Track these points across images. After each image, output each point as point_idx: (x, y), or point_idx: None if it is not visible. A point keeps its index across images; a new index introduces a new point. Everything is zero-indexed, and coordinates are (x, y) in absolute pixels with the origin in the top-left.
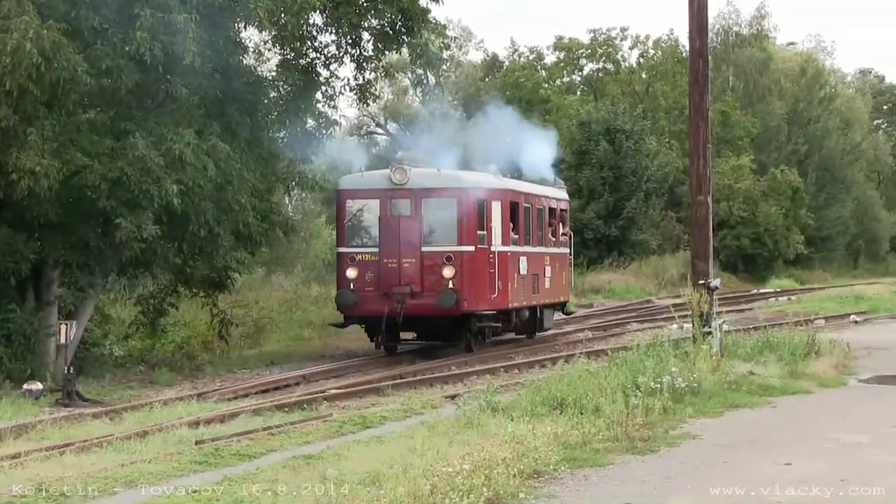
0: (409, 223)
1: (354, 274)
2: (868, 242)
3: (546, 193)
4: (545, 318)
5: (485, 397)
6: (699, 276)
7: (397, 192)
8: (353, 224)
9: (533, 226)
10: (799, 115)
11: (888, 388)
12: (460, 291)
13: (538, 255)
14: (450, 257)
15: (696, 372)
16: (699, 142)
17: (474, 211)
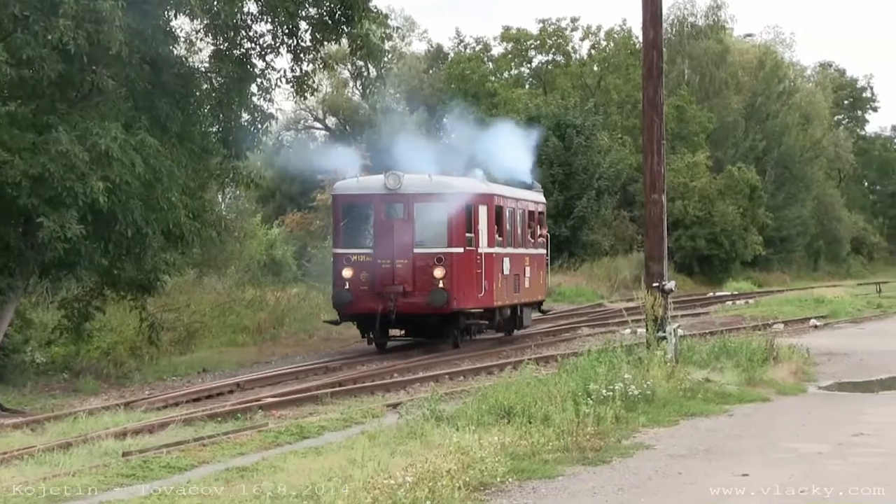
0: (402, 226)
1: (350, 274)
2: (828, 243)
3: (526, 197)
4: (524, 317)
5: (429, 406)
6: (653, 278)
7: (391, 196)
8: (348, 226)
9: (515, 228)
10: (757, 110)
11: (849, 395)
12: (450, 291)
13: (519, 256)
14: (440, 258)
15: (650, 379)
16: (653, 138)
17: (463, 214)
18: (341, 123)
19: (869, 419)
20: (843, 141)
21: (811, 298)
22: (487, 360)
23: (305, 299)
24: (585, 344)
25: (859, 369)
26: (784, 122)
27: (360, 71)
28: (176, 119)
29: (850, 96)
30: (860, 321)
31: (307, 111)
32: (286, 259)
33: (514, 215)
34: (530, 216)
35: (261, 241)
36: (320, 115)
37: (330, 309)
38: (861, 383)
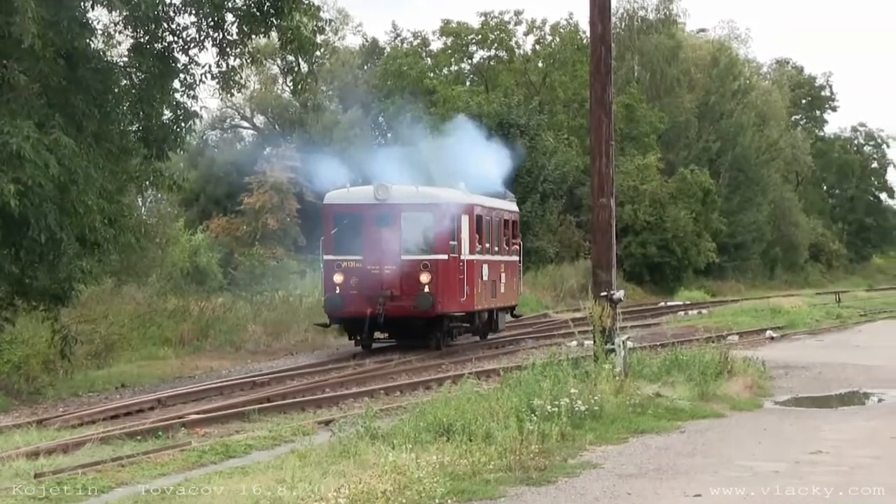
0: (390, 234)
1: (340, 279)
2: (785, 250)
3: (501, 206)
4: (499, 321)
5: (363, 422)
6: (601, 287)
7: (379, 206)
8: (339, 234)
9: (492, 236)
10: (710, 109)
11: (807, 410)
12: (435, 295)
13: (496, 263)
14: (426, 265)
15: (598, 394)
16: (601, 138)
17: (447, 223)
18: (270, 122)
19: (827, 436)
20: (801, 142)
21: (767, 308)
22: (425, 374)
23: (232, 309)
24: (529, 357)
25: (817, 383)
26: (739, 122)
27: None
28: (93, 117)
29: (808, 95)
30: (818, 333)
31: (234, 109)
32: (211, 267)
33: (492, 224)
34: (505, 224)
35: (184, 247)
36: (248, 113)
37: (261, 320)
38: (819, 398)
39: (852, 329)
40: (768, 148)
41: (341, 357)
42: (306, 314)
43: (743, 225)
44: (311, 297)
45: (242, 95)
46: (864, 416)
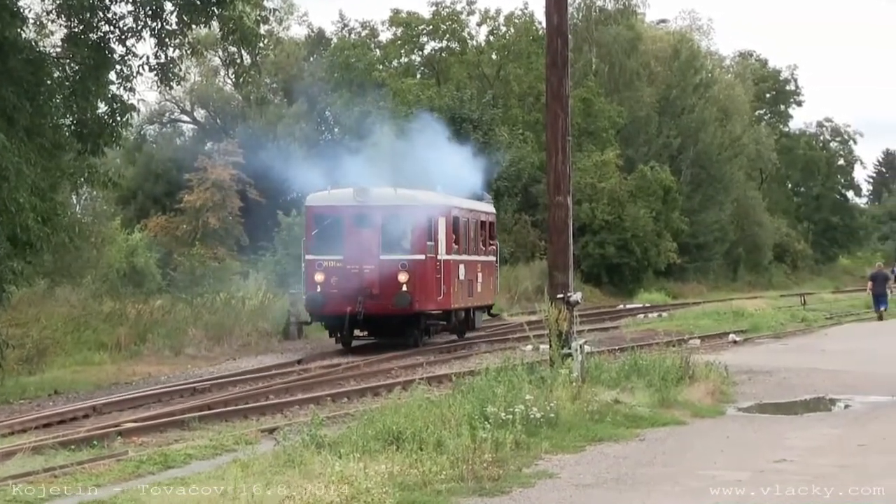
0: (370, 235)
1: (321, 278)
2: (749, 251)
3: (478, 208)
4: (476, 319)
5: (309, 431)
6: (557, 289)
7: (359, 208)
8: (320, 235)
9: (469, 237)
10: (671, 103)
11: (771, 417)
12: (413, 294)
13: (473, 263)
14: (404, 264)
15: (554, 400)
16: (558, 134)
17: (424, 225)
18: (211, 116)
19: (793, 444)
20: (765, 138)
21: (730, 311)
22: (374, 379)
23: (171, 312)
24: (483, 362)
25: (782, 389)
26: (701, 116)
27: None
28: (24, 110)
29: (772, 89)
30: (783, 336)
31: (173, 102)
32: (149, 268)
33: (469, 225)
34: (482, 226)
35: (120, 247)
36: (188, 106)
37: (202, 323)
38: (784, 404)
39: (818, 333)
40: (731, 144)
41: (286, 362)
42: (249, 317)
43: (705, 224)
44: (255, 300)
45: (182, 88)
46: (831, 423)
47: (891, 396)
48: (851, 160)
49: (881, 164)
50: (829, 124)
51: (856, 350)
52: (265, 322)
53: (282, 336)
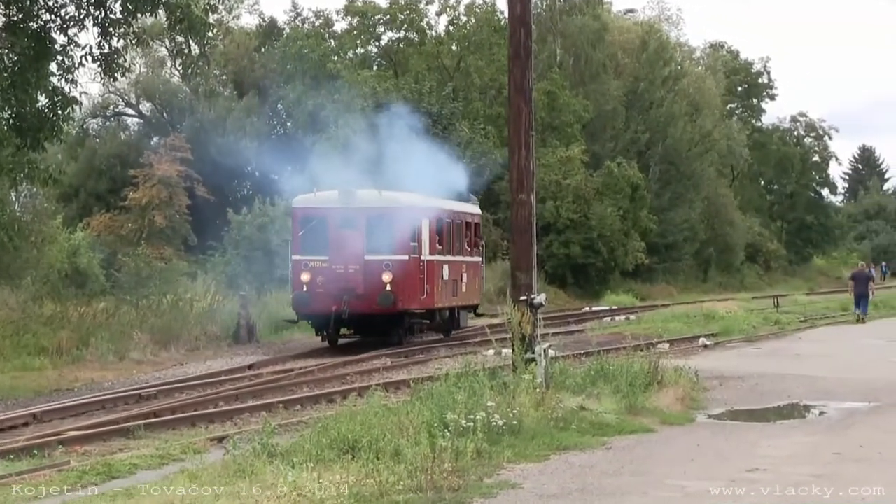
0: (355, 236)
1: (307, 278)
2: (720, 250)
3: (463, 209)
4: (461, 318)
5: (260, 439)
6: (521, 290)
7: (344, 209)
8: (306, 236)
9: (453, 238)
10: (639, 97)
11: (743, 424)
12: (396, 293)
13: (457, 264)
14: (388, 264)
15: (517, 407)
16: (521, 128)
17: (408, 226)
18: (158, 109)
19: (765, 452)
20: (737, 133)
21: (700, 314)
22: (328, 385)
23: (115, 315)
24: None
25: (754, 395)
26: (670, 111)
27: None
28: None
29: (744, 82)
30: (756, 340)
31: (117, 95)
32: (92, 268)
33: (453, 227)
34: (467, 227)
35: (62, 247)
36: (133, 99)
37: (147, 327)
38: (756, 411)
39: (792, 336)
40: (702, 139)
41: (236, 367)
42: (197, 320)
43: (674, 223)
44: (203, 302)
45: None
46: (805, 431)
47: (867, 402)
48: (826, 156)
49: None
50: (804, 119)
51: (831, 354)
52: (214, 325)
53: (232, 340)
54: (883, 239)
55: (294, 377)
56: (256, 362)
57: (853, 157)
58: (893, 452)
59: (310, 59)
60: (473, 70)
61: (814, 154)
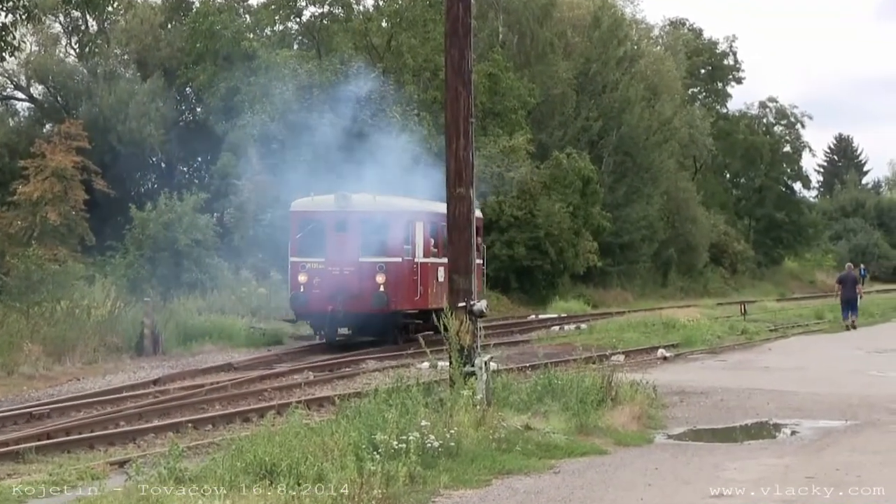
0: (350, 238)
1: (305, 279)
2: (681, 252)
3: None
4: None
5: (166, 463)
6: (458, 296)
7: (340, 213)
8: (303, 238)
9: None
10: (591, 79)
11: (706, 445)
12: (389, 294)
13: None
14: (382, 266)
15: (455, 426)
16: (459, 115)
17: (402, 229)
18: (51, 93)
19: (731, 476)
20: (700, 120)
21: (659, 322)
22: (244, 402)
23: (3, 324)
24: (371, 382)
25: (719, 413)
26: (625, 95)
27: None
28: None
29: (707, 64)
30: (720, 351)
31: (5, 76)
32: None
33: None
34: None
35: None
36: (23, 81)
37: (39, 337)
38: (721, 431)
39: (761, 347)
40: (660, 127)
41: (140, 382)
42: (96, 329)
43: (630, 221)
44: (102, 309)
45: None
46: (775, 452)
47: (844, 421)
48: (799, 147)
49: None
50: (774, 105)
51: (804, 367)
52: (115, 335)
53: (135, 352)
54: (861, 239)
55: (205, 393)
56: (162, 377)
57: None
58: (873, 476)
59: (222, 37)
60: (406, 49)
61: (785, 144)
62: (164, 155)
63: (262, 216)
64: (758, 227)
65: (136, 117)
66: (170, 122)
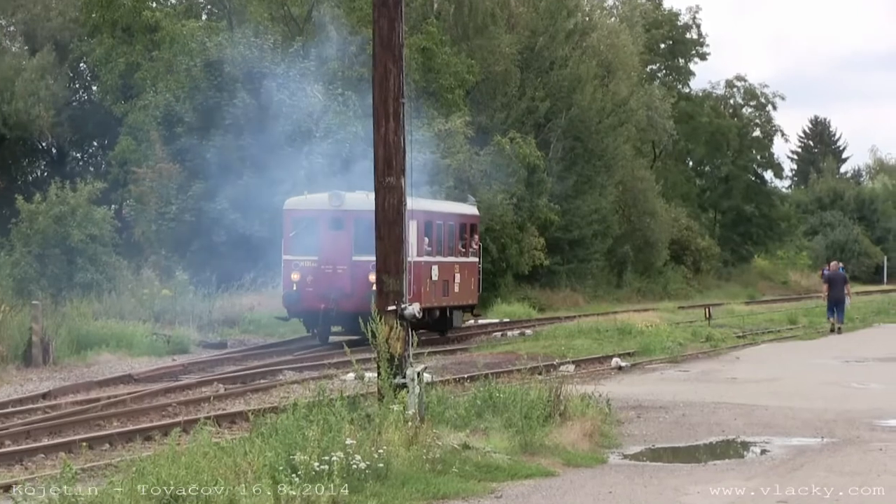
0: (343, 237)
1: (297, 277)
2: (639, 249)
3: (457, 210)
4: (454, 318)
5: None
6: (388, 298)
7: (333, 212)
8: (297, 237)
9: (444, 239)
10: (537, 55)
11: (666, 466)
12: None
13: (448, 264)
14: (374, 265)
15: (384, 445)
16: (388, 94)
17: None
18: None
19: (693, 500)
20: (660, 101)
21: (614, 328)
22: (145, 418)
23: None
24: (289, 395)
25: (681, 429)
26: (576, 73)
27: None
28: None
29: (668, 37)
30: (682, 361)
31: None
32: None
33: (444, 228)
34: (461, 228)
35: None
36: None
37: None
38: (683, 449)
39: (727, 356)
40: (615, 109)
41: (27, 396)
42: None
43: (581, 214)
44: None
45: None
46: (743, 473)
47: (819, 438)
48: (770, 131)
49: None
50: (742, 84)
51: (776, 378)
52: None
53: (22, 362)
54: (840, 234)
55: (101, 408)
56: (53, 389)
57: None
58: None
59: (121, 6)
60: (329, 20)
61: (754, 128)
62: (54, 139)
63: (166, 209)
64: (724, 221)
65: (24, 96)
66: (61, 102)
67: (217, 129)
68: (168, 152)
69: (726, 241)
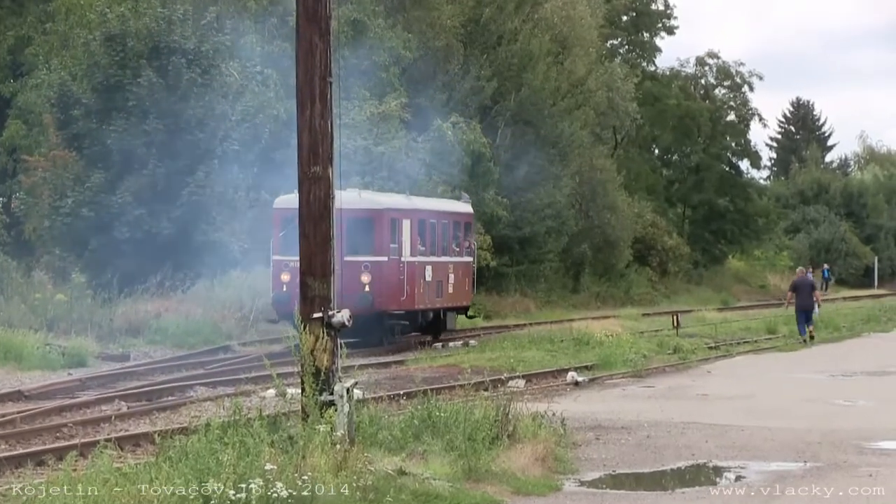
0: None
1: (287, 278)
2: (598, 248)
3: (450, 209)
4: (448, 320)
5: None
6: (314, 304)
7: None
8: (286, 237)
9: (438, 238)
10: (483, 29)
11: (629, 495)
12: (374, 294)
13: (442, 264)
14: (367, 265)
15: (309, 471)
16: (314, 73)
17: (388, 227)
18: None
19: None
20: (622, 81)
21: (569, 337)
22: (36, 441)
23: None
24: (201, 414)
25: (645, 453)
26: (527, 49)
27: None
28: None
29: (631, 8)
30: (647, 375)
31: None
32: None
33: (437, 227)
34: (455, 227)
35: None
36: None
37: None
38: (647, 475)
39: (698, 369)
40: (571, 89)
41: None
42: None
43: (533, 209)
44: None
45: None
46: (715, 503)
47: (802, 463)
48: (746, 115)
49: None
50: (714, 62)
51: (752, 395)
52: None
53: None
54: (825, 232)
55: None
56: None
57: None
58: None
59: None
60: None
61: (729, 111)
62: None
63: (61, 202)
64: (694, 217)
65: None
66: None
67: (119, 111)
68: (63, 138)
69: (697, 239)
